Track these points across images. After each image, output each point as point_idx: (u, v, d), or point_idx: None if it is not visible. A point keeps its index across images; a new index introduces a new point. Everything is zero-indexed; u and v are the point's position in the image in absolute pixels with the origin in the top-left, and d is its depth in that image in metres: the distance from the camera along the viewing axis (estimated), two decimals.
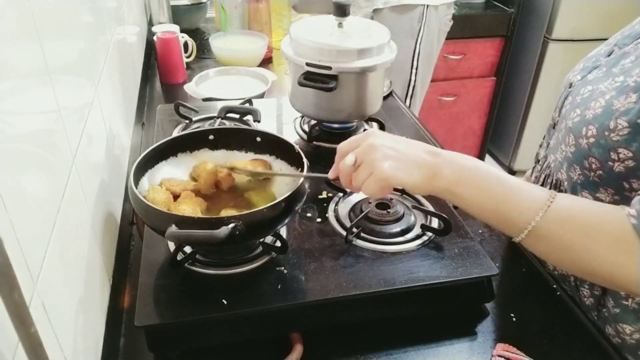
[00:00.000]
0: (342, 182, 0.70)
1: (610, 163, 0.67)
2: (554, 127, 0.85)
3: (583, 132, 0.70)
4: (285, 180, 0.81)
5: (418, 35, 1.82)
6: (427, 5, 1.78)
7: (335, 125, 1.13)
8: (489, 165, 0.66)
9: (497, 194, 0.63)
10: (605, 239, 0.58)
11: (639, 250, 0.55)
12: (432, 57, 1.94)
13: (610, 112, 0.67)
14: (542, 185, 0.85)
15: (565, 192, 0.78)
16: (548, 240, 0.61)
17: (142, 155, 0.78)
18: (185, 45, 1.55)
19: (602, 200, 0.71)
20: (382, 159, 0.64)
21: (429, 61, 1.92)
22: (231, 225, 0.63)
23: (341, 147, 0.70)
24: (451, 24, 1.92)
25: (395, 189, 0.91)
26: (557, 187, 0.81)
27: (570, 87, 0.80)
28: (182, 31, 1.50)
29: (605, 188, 0.70)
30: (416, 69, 1.87)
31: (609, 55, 0.76)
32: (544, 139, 0.91)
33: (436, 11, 1.82)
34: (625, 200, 0.66)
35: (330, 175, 0.72)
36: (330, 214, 0.86)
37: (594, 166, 0.70)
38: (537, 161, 0.92)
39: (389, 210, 0.85)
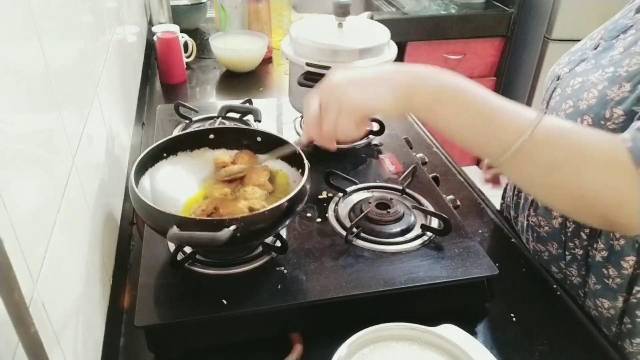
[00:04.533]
0: (311, 135, 0.64)
1: None
2: None
3: (577, 122, 0.72)
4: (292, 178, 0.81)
5: None
6: None
7: None
8: (470, 81, 0.59)
9: (481, 112, 0.57)
10: (596, 159, 0.54)
11: (631, 173, 0.52)
12: None
13: (604, 102, 0.68)
14: None
15: None
16: (534, 160, 0.56)
17: (143, 154, 0.78)
18: (185, 45, 1.55)
19: None
20: (346, 91, 0.59)
21: None
22: (232, 227, 0.63)
23: (306, 100, 0.64)
24: None
25: (393, 188, 0.91)
26: None
27: (558, 80, 0.82)
28: (182, 31, 1.50)
29: None
30: None
31: (595, 49, 0.78)
32: None
33: None
34: None
35: (303, 139, 0.66)
36: (330, 214, 0.86)
37: None
38: None
39: (389, 210, 0.85)
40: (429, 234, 0.81)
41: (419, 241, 0.80)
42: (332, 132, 0.62)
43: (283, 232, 0.80)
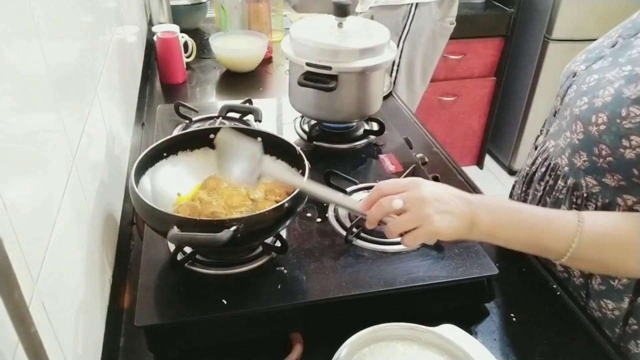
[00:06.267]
0: (372, 217, 0.67)
1: (622, 150, 0.69)
2: (554, 115, 0.87)
3: (593, 119, 0.72)
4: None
5: (402, 33, 1.82)
6: (416, 4, 1.78)
7: (335, 125, 1.13)
8: (512, 201, 0.69)
9: (532, 227, 0.66)
10: (636, 255, 0.64)
11: None
12: (427, 58, 1.92)
13: (621, 100, 0.68)
14: (538, 168, 0.88)
15: (565, 176, 0.80)
16: (587, 261, 0.67)
17: (143, 154, 0.78)
18: (185, 45, 1.55)
19: (607, 185, 0.73)
20: (434, 214, 0.63)
21: (422, 62, 1.91)
22: (233, 228, 0.63)
23: (382, 186, 0.67)
24: (452, 27, 1.91)
25: None
26: (554, 170, 0.83)
27: (574, 77, 0.82)
28: (182, 31, 1.50)
29: (612, 174, 0.72)
30: (397, 66, 1.87)
31: (613, 46, 0.78)
32: (543, 126, 0.93)
33: (429, 12, 1.81)
34: (632, 186, 0.70)
35: (362, 208, 0.68)
36: (330, 214, 0.86)
37: (604, 152, 0.71)
38: (535, 147, 0.93)
39: None
40: None
41: None
42: (398, 233, 0.66)
43: (283, 232, 0.80)
